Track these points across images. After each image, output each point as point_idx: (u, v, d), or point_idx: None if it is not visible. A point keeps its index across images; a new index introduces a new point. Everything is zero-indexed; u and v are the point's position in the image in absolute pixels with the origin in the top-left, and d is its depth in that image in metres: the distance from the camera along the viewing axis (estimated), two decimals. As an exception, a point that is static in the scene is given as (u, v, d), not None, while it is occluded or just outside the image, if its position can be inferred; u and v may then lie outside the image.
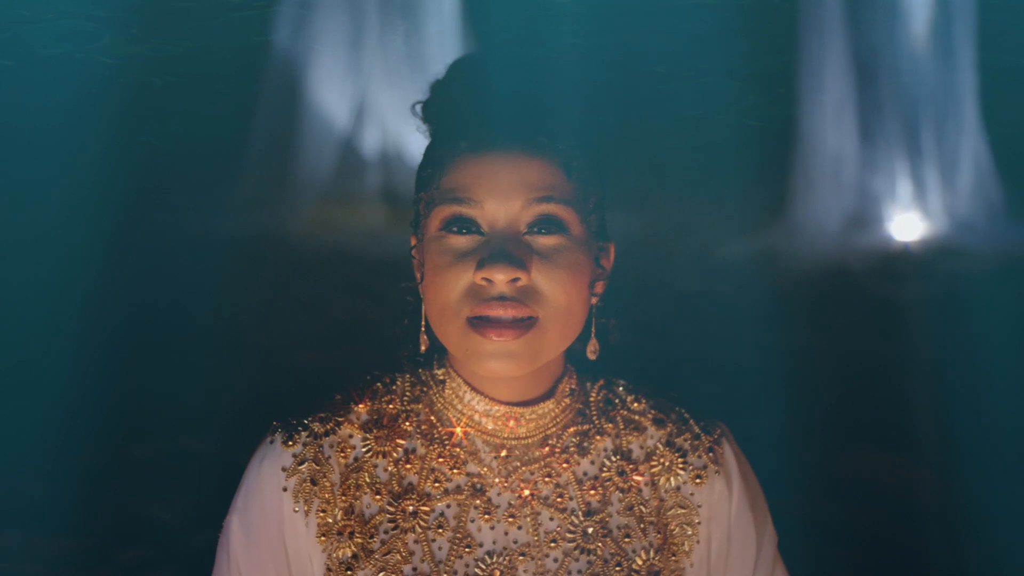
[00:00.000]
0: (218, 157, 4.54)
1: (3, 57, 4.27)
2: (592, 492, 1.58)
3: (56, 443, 4.07)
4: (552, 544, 1.54)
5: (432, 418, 1.59)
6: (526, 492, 1.56)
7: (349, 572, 1.52)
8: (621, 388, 1.66)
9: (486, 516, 1.54)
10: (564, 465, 1.58)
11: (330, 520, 1.54)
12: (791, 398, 3.94)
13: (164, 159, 4.60)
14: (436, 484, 1.55)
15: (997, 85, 4.15)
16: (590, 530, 1.56)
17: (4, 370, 4.23)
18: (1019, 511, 3.70)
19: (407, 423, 1.59)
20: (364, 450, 1.57)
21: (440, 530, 1.53)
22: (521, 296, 1.46)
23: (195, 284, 4.51)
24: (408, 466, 1.56)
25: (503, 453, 1.57)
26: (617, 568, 1.55)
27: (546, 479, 1.57)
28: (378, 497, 1.55)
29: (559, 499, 1.56)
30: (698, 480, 1.61)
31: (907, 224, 4.42)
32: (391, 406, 1.60)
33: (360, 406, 1.60)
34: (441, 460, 1.56)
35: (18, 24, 4.11)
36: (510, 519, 1.55)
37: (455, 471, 1.56)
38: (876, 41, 4.17)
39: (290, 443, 1.56)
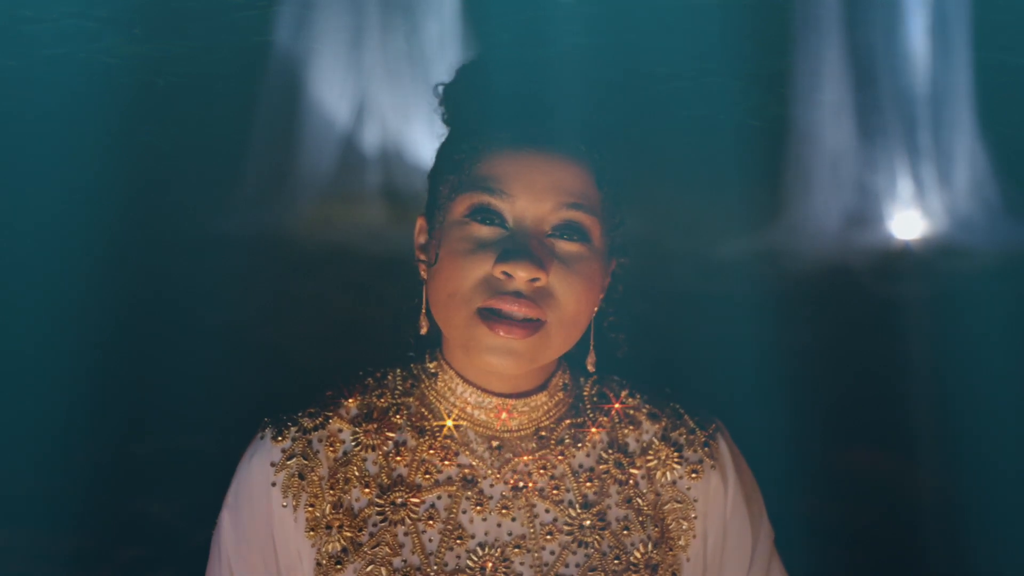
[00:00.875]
0: (220, 156, 4.55)
1: (6, 57, 4.28)
2: (588, 484, 1.57)
3: (57, 442, 4.07)
4: (548, 537, 1.53)
5: (423, 410, 1.58)
6: (520, 484, 1.55)
7: (339, 566, 1.51)
8: (615, 383, 1.65)
9: (478, 507, 1.53)
10: (559, 458, 1.57)
11: (318, 514, 1.53)
12: (792, 397, 3.94)
13: (165, 158, 4.61)
14: (427, 476, 1.55)
15: (996, 84, 4.14)
16: (587, 523, 1.55)
17: (5, 369, 4.23)
18: (1018, 510, 3.68)
19: (397, 416, 1.58)
20: (353, 444, 1.56)
21: (431, 522, 1.52)
22: (535, 296, 1.46)
23: (196, 283, 4.51)
24: (398, 459, 1.56)
25: (495, 444, 1.56)
26: (615, 561, 1.54)
27: (541, 471, 1.56)
28: (367, 490, 1.54)
29: (555, 491, 1.56)
30: (694, 475, 1.60)
31: (907, 223, 4.42)
32: (382, 400, 1.60)
33: (350, 401, 1.59)
34: (432, 452, 1.56)
35: (21, 24, 4.13)
36: (503, 511, 1.54)
37: (446, 463, 1.55)
38: (875, 41, 4.17)
39: (279, 438, 1.56)
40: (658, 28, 4.29)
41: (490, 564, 1.52)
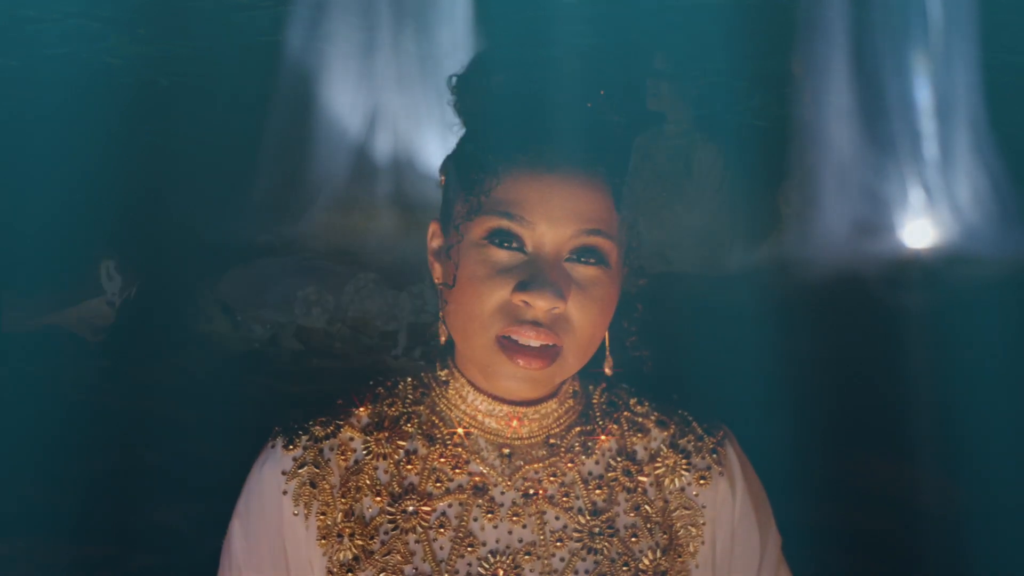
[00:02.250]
0: (222, 156, 4.54)
1: (9, 57, 4.28)
2: (598, 492, 1.57)
3: (66, 449, 4.07)
4: (558, 543, 1.54)
5: (434, 419, 1.58)
6: (531, 491, 1.55)
7: (350, 574, 1.51)
8: (623, 391, 1.65)
9: (489, 515, 1.54)
10: (569, 465, 1.57)
11: (329, 523, 1.53)
12: (802, 404, 3.94)
13: (169, 159, 4.61)
14: (438, 484, 1.55)
15: (999, 85, 4.13)
16: (596, 530, 1.55)
17: (14, 376, 4.23)
18: None
19: (408, 425, 1.59)
20: (364, 452, 1.57)
21: (442, 529, 1.52)
22: (553, 324, 1.46)
23: (207, 289, 4.50)
24: (409, 467, 1.56)
25: (506, 452, 1.56)
26: (624, 568, 1.54)
27: (551, 478, 1.56)
28: (378, 499, 1.54)
29: (565, 498, 1.56)
30: (702, 481, 1.60)
31: (918, 231, 4.40)
32: (392, 409, 1.60)
33: (361, 409, 1.59)
34: (443, 460, 1.56)
35: (23, 24, 4.12)
36: (514, 518, 1.54)
37: (457, 471, 1.55)
38: (882, 45, 4.16)
39: (290, 447, 1.56)
40: (661, 28, 4.28)
41: (501, 571, 1.52)
